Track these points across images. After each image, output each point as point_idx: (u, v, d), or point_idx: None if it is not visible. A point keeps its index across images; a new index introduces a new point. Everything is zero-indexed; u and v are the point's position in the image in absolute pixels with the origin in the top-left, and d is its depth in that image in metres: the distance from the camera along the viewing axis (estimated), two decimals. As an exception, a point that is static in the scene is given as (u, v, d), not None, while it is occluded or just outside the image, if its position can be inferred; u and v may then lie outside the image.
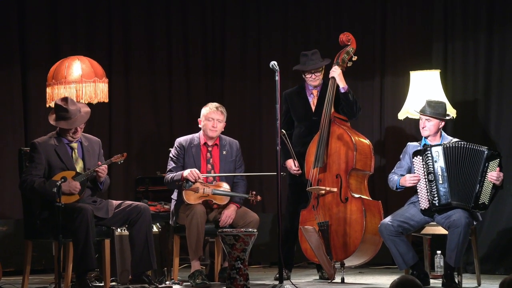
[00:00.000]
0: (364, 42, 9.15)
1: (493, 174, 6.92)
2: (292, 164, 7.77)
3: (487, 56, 8.48)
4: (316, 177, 7.59)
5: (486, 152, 6.96)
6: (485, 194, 6.94)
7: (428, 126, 7.17)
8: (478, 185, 6.93)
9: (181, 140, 7.62)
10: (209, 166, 7.55)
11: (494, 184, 6.93)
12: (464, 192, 6.96)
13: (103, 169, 6.97)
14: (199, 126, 7.62)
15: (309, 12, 9.62)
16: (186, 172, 7.39)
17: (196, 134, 7.64)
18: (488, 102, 8.48)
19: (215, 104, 7.61)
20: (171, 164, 7.57)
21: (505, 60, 8.41)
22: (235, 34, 9.82)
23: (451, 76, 8.65)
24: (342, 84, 7.70)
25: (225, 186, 7.48)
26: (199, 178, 7.37)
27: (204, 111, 7.59)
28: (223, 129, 7.63)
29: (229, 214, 7.39)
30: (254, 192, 7.50)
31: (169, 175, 7.50)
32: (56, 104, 7.06)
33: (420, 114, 7.21)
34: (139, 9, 9.63)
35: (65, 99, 7.07)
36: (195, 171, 7.38)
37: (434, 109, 7.15)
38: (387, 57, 9.29)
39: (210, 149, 7.59)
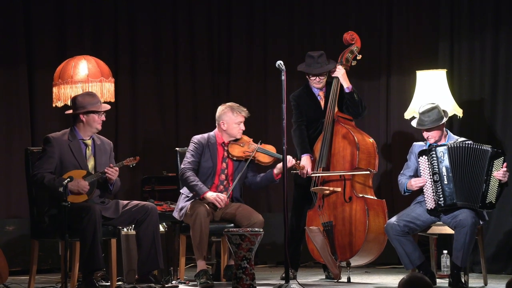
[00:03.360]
0: (370, 42, 9.15)
1: (500, 172, 6.92)
2: (307, 163, 7.67)
3: (494, 56, 8.48)
4: (321, 177, 7.59)
5: (490, 151, 6.96)
6: (492, 193, 6.93)
7: (431, 135, 7.15)
8: (484, 184, 6.93)
9: (199, 137, 7.58)
10: (224, 165, 7.54)
11: (500, 182, 6.93)
12: (470, 192, 6.96)
13: (113, 171, 6.97)
14: (223, 127, 7.56)
15: (315, 12, 9.62)
16: (210, 195, 7.33)
17: (211, 133, 7.61)
18: (494, 102, 8.47)
19: (239, 107, 7.58)
20: (189, 158, 7.48)
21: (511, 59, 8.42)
22: (241, 34, 9.82)
23: (457, 76, 8.65)
24: (346, 84, 7.70)
25: (270, 147, 7.54)
26: (224, 203, 7.37)
27: (231, 115, 7.53)
28: None
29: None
30: (299, 161, 7.49)
31: (189, 176, 7.38)
32: (86, 93, 7.23)
33: (420, 128, 7.16)
34: (145, 9, 9.63)
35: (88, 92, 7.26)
36: (222, 196, 7.35)
37: (429, 118, 7.11)
38: (393, 57, 9.29)
39: (226, 148, 7.58)
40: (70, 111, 7.09)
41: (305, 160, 7.68)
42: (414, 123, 7.23)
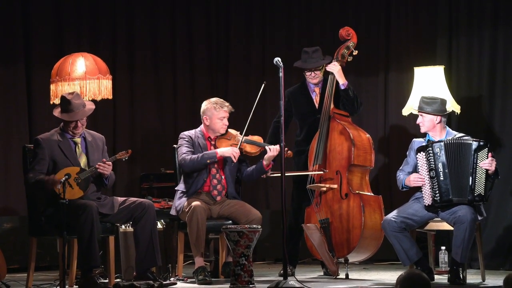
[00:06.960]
0: (369, 38, 9.16)
1: (485, 162, 6.92)
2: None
3: (492, 52, 8.47)
4: (318, 174, 7.59)
5: (473, 143, 6.97)
6: (480, 185, 6.93)
7: (423, 122, 7.18)
8: (470, 177, 6.93)
9: (186, 132, 7.61)
10: None
11: (488, 174, 6.92)
12: (460, 187, 6.96)
13: (105, 166, 6.97)
14: (206, 123, 7.59)
15: (313, 9, 9.62)
16: (224, 150, 7.39)
17: (197, 129, 7.63)
18: (492, 98, 8.47)
19: (222, 103, 7.58)
20: (185, 149, 7.47)
21: (510, 56, 8.40)
22: (240, 31, 9.82)
23: (455, 72, 8.65)
24: (342, 81, 7.69)
25: (257, 138, 7.54)
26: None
27: (213, 110, 7.54)
28: None
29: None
30: (286, 148, 7.45)
31: (191, 156, 7.39)
32: (62, 96, 7.12)
33: (418, 111, 7.22)
34: (143, 6, 9.63)
35: (72, 93, 7.13)
36: (236, 149, 7.39)
37: (428, 105, 7.15)
38: (391, 53, 9.30)
39: (213, 142, 7.60)
40: (58, 110, 7.08)
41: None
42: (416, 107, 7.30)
